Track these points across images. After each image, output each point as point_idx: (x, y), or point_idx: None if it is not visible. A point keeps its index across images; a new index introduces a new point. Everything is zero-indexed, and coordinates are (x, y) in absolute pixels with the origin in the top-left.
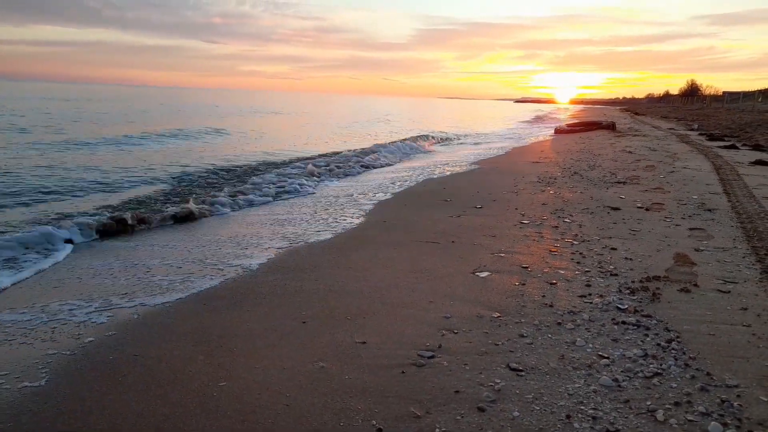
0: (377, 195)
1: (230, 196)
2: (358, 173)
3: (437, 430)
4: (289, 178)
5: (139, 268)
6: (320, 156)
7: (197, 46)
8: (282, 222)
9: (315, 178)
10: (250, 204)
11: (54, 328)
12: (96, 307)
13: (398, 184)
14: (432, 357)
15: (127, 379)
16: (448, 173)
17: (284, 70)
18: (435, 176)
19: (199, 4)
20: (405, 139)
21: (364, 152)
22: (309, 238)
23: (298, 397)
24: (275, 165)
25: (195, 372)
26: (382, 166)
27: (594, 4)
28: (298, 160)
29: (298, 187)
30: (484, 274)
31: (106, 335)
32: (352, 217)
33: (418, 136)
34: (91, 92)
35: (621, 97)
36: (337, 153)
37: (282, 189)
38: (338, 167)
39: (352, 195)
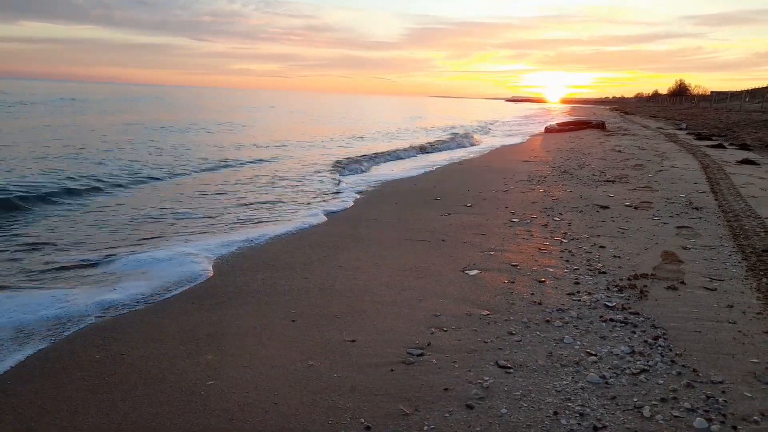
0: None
1: None
2: None
3: (426, 427)
4: None
5: None
6: None
7: (187, 44)
8: None
9: None
10: None
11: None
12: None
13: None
14: (421, 355)
15: (113, 378)
16: (439, 171)
17: (275, 68)
18: (426, 174)
19: (189, 2)
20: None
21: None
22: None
23: (286, 396)
24: None
25: (183, 371)
26: None
27: (581, 3)
28: None
29: None
30: (473, 273)
31: (92, 333)
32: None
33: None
34: (87, 91)
35: (611, 97)
36: None
37: None
38: None
39: None
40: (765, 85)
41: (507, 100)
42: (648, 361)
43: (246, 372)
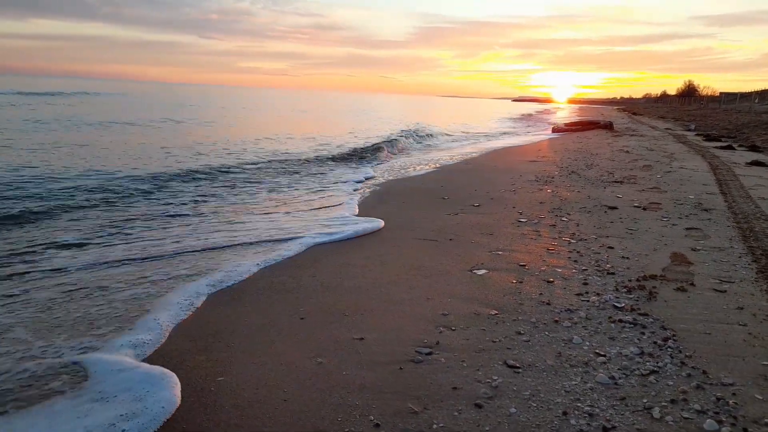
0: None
1: None
2: None
3: (435, 425)
4: None
5: None
6: None
7: (194, 42)
8: None
9: None
10: None
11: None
12: None
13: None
14: (430, 354)
15: None
16: (445, 171)
17: (282, 66)
18: (432, 174)
19: (197, 0)
20: None
21: None
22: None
23: (296, 393)
24: None
25: (193, 367)
26: None
27: (589, 3)
28: None
29: None
30: (481, 272)
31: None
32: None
33: None
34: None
35: (619, 97)
36: None
37: None
38: None
39: None
40: None
41: (514, 100)
42: (657, 363)
43: (255, 369)
